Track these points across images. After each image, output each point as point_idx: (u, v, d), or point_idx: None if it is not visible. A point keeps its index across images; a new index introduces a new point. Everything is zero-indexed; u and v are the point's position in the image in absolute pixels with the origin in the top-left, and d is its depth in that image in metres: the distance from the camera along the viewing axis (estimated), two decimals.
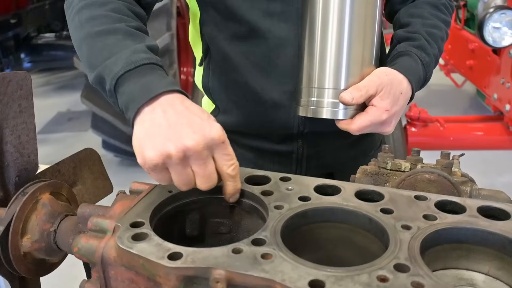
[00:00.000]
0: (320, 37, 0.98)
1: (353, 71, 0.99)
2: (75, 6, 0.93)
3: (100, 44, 0.84)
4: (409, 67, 1.02)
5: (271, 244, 0.60)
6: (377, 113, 0.96)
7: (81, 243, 0.68)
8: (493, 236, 0.64)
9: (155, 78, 0.78)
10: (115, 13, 0.89)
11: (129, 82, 0.78)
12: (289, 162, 1.20)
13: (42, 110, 5.33)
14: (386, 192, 0.73)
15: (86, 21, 0.89)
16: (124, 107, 0.78)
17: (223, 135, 0.72)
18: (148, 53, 0.82)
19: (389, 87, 0.97)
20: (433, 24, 1.11)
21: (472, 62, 3.29)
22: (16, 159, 0.81)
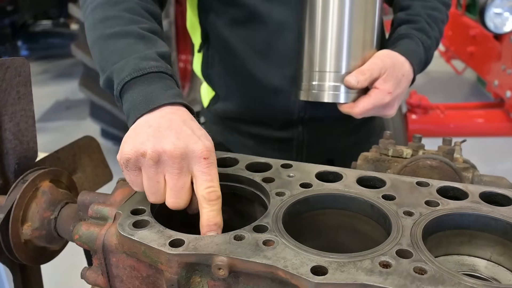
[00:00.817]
0: (321, 20, 0.98)
1: (355, 54, 0.98)
2: (89, 4, 0.90)
3: (111, 47, 0.82)
4: (411, 50, 1.02)
5: (273, 230, 0.60)
6: (380, 95, 0.96)
7: (82, 231, 0.67)
8: (495, 222, 0.64)
9: (160, 88, 0.75)
10: (128, 14, 0.86)
11: (133, 89, 0.76)
12: (289, 149, 1.19)
13: (40, 98, 5.30)
14: (387, 178, 0.73)
15: (99, 21, 0.87)
16: (126, 114, 0.76)
17: (207, 153, 0.66)
18: (158, 60, 0.79)
19: (391, 70, 0.97)
20: (433, 7, 1.11)
21: (473, 49, 3.27)
22: (15, 147, 0.80)
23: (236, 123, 1.19)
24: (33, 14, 6.67)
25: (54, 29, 6.96)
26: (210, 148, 0.67)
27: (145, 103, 0.72)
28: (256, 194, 0.73)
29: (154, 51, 0.80)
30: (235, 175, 0.75)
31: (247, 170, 0.76)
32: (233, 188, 0.76)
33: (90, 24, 0.89)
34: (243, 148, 1.22)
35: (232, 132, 1.23)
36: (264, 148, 1.21)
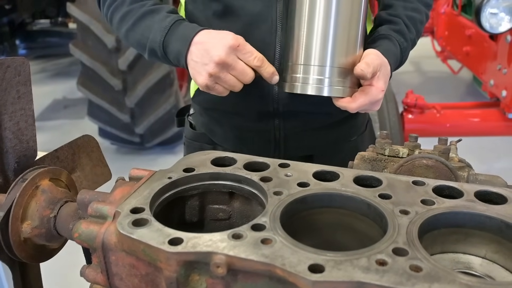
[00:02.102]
0: (308, 14, 0.99)
1: (340, 48, 1.00)
2: (108, 14, 1.19)
3: (139, 30, 1.10)
4: (390, 51, 1.07)
5: (270, 229, 0.61)
6: (375, 92, 1.00)
7: (82, 229, 0.68)
8: (490, 220, 0.65)
9: (184, 28, 1.04)
10: (134, 4, 1.12)
11: (170, 43, 1.04)
12: (267, 142, 1.22)
13: (38, 97, 5.27)
14: (384, 177, 0.73)
15: (120, 21, 1.14)
16: (176, 61, 1.05)
17: (236, 40, 0.97)
18: (169, 16, 1.07)
19: (383, 68, 1.02)
20: (414, 8, 1.15)
21: (468, 49, 3.28)
22: (15, 146, 0.81)
23: (217, 114, 1.24)
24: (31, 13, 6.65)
25: (52, 28, 6.96)
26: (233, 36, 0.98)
27: (183, 44, 1.02)
28: (254, 193, 0.74)
29: (164, 13, 1.09)
30: (233, 174, 0.76)
31: (245, 169, 0.77)
32: (231, 187, 0.76)
33: (116, 26, 1.16)
34: (225, 140, 1.28)
35: (215, 124, 1.29)
36: (244, 141, 1.24)
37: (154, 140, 4.05)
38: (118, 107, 3.85)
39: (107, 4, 1.18)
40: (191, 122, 1.37)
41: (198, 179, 0.76)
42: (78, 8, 3.71)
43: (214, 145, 1.32)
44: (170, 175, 0.75)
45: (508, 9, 2.47)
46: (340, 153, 1.25)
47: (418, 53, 1.44)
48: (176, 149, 4.20)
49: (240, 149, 1.28)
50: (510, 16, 2.47)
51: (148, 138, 4.05)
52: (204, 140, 1.33)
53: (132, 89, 3.78)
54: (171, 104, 3.82)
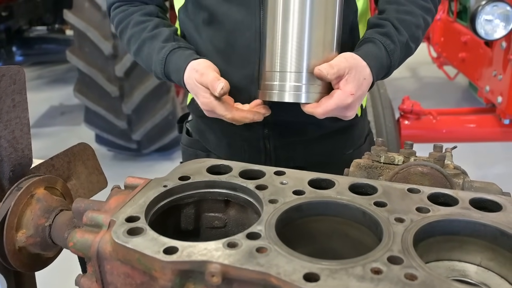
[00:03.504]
0: (282, 20, 0.99)
1: (316, 54, 0.98)
2: (117, 33, 1.26)
3: (143, 56, 1.18)
4: (371, 54, 1.03)
5: (266, 237, 0.61)
6: (342, 96, 0.97)
7: (77, 238, 0.68)
8: (485, 228, 0.65)
9: (176, 61, 1.10)
10: (136, 27, 1.18)
11: (170, 74, 1.12)
12: (258, 151, 1.22)
13: (35, 104, 5.29)
14: (379, 185, 0.73)
15: (127, 43, 1.22)
16: (178, 83, 1.11)
17: (206, 107, 1.06)
18: (164, 46, 1.12)
19: (354, 71, 0.98)
20: (407, 11, 1.11)
21: (464, 55, 3.30)
22: (10, 154, 0.81)
23: (210, 122, 1.24)
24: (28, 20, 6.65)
25: (49, 35, 6.95)
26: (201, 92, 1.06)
27: (179, 75, 1.09)
28: (250, 201, 0.74)
29: (160, 42, 1.14)
30: (228, 183, 0.76)
31: (241, 177, 0.77)
32: (227, 195, 0.76)
33: (126, 46, 1.24)
34: (217, 147, 1.29)
35: (208, 131, 1.30)
36: (235, 149, 1.24)
37: (151, 146, 4.05)
38: (115, 114, 3.85)
39: (115, 24, 1.25)
40: (188, 128, 1.39)
41: (194, 187, 0.76)
42: (75, 15, 3.72)
43: (208, 152, 1.32)
44: (165, 183, 0.75)
45: (503, 16, 2.49)
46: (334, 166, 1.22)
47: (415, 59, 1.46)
48: (173, 155, 4.20)
49: (232, 158, 1.26)
50: (505, 22, 2.49)
51: (145, 144, 4.04)
52: (199, 147, 1.34)
53: (129, 95, 3.78)
54: (168, 111, 3.82)
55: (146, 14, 1.20)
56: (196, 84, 1.04)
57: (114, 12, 1.25)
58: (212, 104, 1.03)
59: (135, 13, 1.20)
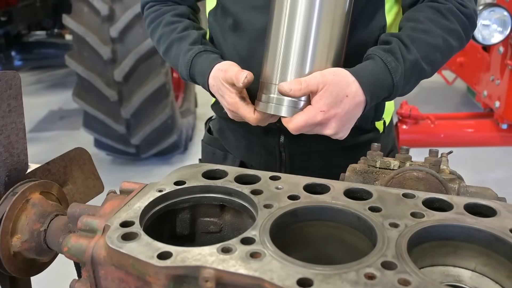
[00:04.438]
0: (273, 33, 0.99)
1: (300, 70, 0.97)
2: (149, 32, 1.29)
3: (171, 56, 1.20)
4: (365, 70, 0.97)
5: (260, 242, 0.61)
6: (312, 113, 0.93)
7: (71, 243, 0.68)
8: (479, 233, 0.65)
9: (202, 64, 1.11)
10: (167, 27, 1.21)
11: (195, 76, 1.14)
12: (273, 157, 1.21)
13: (34, 108, 5.29)
14: (374, 190, 0.74)
15: (157, 42, 1.25)
16: (203, 86, 1.13)
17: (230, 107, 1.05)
18: (191, 49, 1.14)
19: (330, 87, 0.93)
20: (424, 29, 1.02)
21: (462, 59, 3.31)
22: (5, 159, 0.81)
23: (231, 123, 1.24)
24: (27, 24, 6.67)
25: (48, 39, 6.96)
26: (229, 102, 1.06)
27: (204, 78, 1.10)
28: (245, 206, 0.74)
29: (187, 44, 1.16)
30: (224, 187, 0.76)
31: (236, 182, 0.77)
32: (222, 200, 0.76)
33: (156, 44, 1.26)
34: (236, 148, 1.31)
35: (228, 131, 1.32)
36: (253, 152, 1.26)
37: (150, 151, 4.05)
38: (114, 118, 3.85)
39: (147, 24, 1.28)
40: (210, 126, 1.41)
41: (189, 192, 0.76)
42: (73, 19, 3.72)
43: (225, 152, 1.33)
44: (160, 188, 0.75)
45: (500, 21, 2.50)
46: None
47: None
48: (172, 159, 4.19)
49: (248, 160, 1.29)
50: (502, 28, 2.50)
51: (144, 149, 4.04)
52: (217, 145, 1.36)
53: (128, 100, 3.78)
54: (166, 115, 3.82)
55: (177, 15, 1.23)
56: (221, 82, 1.04)
57: (147, 12, 1.28)
58: (237, 104, 1.02)
59: (167, 13, 1.23)
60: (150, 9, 1.27)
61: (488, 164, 3.81)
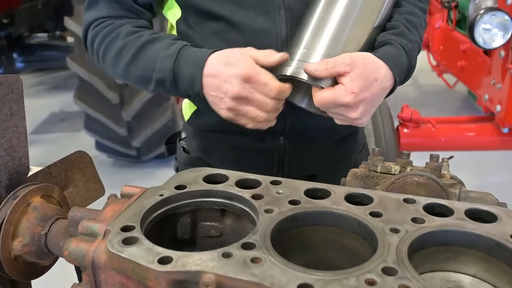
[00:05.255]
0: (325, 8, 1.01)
1: (333, 45, 0.98)
2: (98, 52, 1.12)
3: (140, 63, 1.04)
4: (390, 54, 1.00)
5: (261, 248, 0.61)
6: (342, 92, 0.93)
7: (72, 247, 0.68)
8: (480, 239, 0.65)
9: (194, 53, 0.99)
10: (130, 36, 1.07)
11: (180, 69, 0.99)
12: (270, 162, 1.18)
13: (35, 110, 5.30)
14: (375, 195, 0.74)
15: (116, 56, 1.07)
16: (189, 87, 0.99)
17: (248, 72, 0.93)
18: (175, 42, 1.02)
19: (360, 70, 0.94)
20: (410, 11, 1.10)
21: (463, 63, 3.31)
22: (7, 162, 0.81)
23: (217, 136, 1.19)
24: (29, 27, 6.69)
25: (50, 41, 6.97)
26: (247, 71, 0.93)
27: (197, 68, 0.97)
28: (246, 211, 0.74)
29: (168, 40, 1.04)
30: (224, 192, 0.76)
31: (237, 186, 0.77)
32: (223, 204, 0.76)
33: (111, 62, 1.09)
34: (223, 163, 1.21)
35: (212, 146, 1.24)
36: (245, 162, 1.19)
37: (151, 153, 4.05)
38: (115, 121, 3.85)
39: (99, 41, 1.11)
40: (184, 146, 1.32)
41: (190, 196, 0.76)
42: (75, 22, 3.74)
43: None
44: (161, 192, 0.75)
45: (501, 25, 2.50)
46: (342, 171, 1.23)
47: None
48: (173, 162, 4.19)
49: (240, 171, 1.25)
50: (503, 32, 2.50)
51: (145, 151, 4.05)
52: (200, 164, 1.26)
53: (129, 102, 3.79)
54: (167, 118, 3.83)
55: (138, 26, 1.11)
56: (237, 52, 0.96)
57: (97, 28, 1.12)
58: (256, 69, 0.94)
59: (125, 25, 1.10)
60: (101, 25, 1.12)
61: (489, 168, 3.81)
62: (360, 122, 1.00)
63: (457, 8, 3.43)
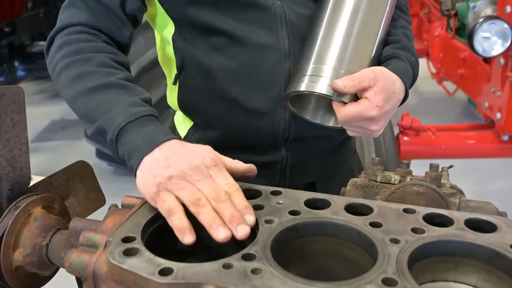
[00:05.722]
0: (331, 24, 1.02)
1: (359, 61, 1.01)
2: (59, 63, 0.96)
3: (95, 100, 0.89)
4: (401, 68, 1.03)
5: (261, 259, 0.61)
6: (368, 106, 0.95)
7: (73, 258, 0.68)
8: (480, 249, 0.65)
9: (155, 128, 0.85)
10: (102, 67, 0.93)
11: (131, 132, 0.83)
12: (272, 173, 1.18)
13: (36, 118, 5.31)
14: (375, 205, 0.74)
15: (75, 78, 0.92)
16: (127, 155, 0.83)
17: (216, 161, 0.77)
18: (145, 106, 0.89)
19: (382, 84, 0.96)
20: (403, 25, 1.14)
21: (463, 71, 3.31)
22: (8, 173, 0.81)
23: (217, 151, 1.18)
24: (31, 35, 6.72)
25: None
26: (215, 157, 0.79)
27: (146, 143, 0.81)
28: None
29: (139, 98, 0.89)
30: None
31: None
32: None
33: (65, 82, 0.95)
34: None
35: None
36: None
37: None
38: None
39: (66, 52, 0.96)
40: None
41: None
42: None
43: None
44: None
45: (500, 33, 2.51)
46: (339, 176, 1.24)
47: None
48: None
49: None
50: (503, 40, 2.51)
51: None
52: None
53: None
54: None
55: (118, 61, 0.97)
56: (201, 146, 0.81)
57: (70, 38, 0.98)
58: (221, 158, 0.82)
59: (105, 52, 0.97)
60: (77, 36, 0.98)
61: (490, 175, 3.81)
62: (378, 134, 1.02)
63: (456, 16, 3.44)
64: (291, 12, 1.06)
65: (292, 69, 1.06)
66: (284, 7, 1.06)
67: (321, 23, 1.03)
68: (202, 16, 1.05)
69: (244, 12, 1.05)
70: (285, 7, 1.06)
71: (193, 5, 1.05)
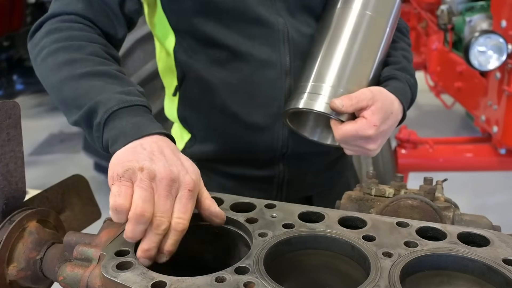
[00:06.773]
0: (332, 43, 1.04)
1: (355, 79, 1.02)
2: (46, 47, 0.93)
3: (85, 85, 0.86)
4: (399, 89, 1.04)
5: (254, 272, 0.61)
6: (365, 125, 0.96)
7: (67, 272, 0.68)
8: (472, 263, 0.65)
9: (148, 119, 0.82)
10: (96, 56, 0.91)
11: (121, 118, 0.81)
12: (270, 188, 1.18)
13: (35, 131, 5.31)
14: (368, 219, 0.74)
15: (64, 63, 0.90)
16: (111, 141, 0.80)
17: (193, 186, 0.72)
18: (140, 96, 0.86)
19: (380, 104, 0.98)
20: (403, 47, 1.16)
21: (460, 84, 3.33)
22: (3, 187, 0.82)
23: (214, 165, 1.17)
24: None
25: None
26: (196, 181, 0.73)
27: (136, 130, 0.78)
28: (240, 235, 0.74)
29: (134, 88, 0.87)
30: None
31: (231, 210, 0.78)
32: (217, 228, 0.77)
33: (52, 67, 0.92)
34: (222, 191, 1.09)
35: (209, 174, 1.17)
36: (244, 188, 1.17)
37: None
38: None
39: (55, 38, 0.93)
40: None
41: None
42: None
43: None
44: None
45: (496, 48, 2.52)
46: (336, 190, 1.24)
47: None
48: None
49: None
50: (498, 54, 2.52)
51: None
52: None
53: None
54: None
55: (110, 54, 0.96)
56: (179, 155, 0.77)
57: (62, 25, 0.95)
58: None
59: (98, 43, 0.94)
60: (71, 24, 0.95)
61: (488, 188, 3.81)
62: (375, 153, 1.03)
63: (453, 30, 3.47)
64: (293, 30, 1.07)
65: (293, 85, 1.07)
66: (287, 25, 1.07)
67: (322, 42, 1.05)
68: (205, 28, 1.06)
69: (248, 27, 1.05)
70: (288, 25, 1.07)
71: (198, 16, 1.05)
